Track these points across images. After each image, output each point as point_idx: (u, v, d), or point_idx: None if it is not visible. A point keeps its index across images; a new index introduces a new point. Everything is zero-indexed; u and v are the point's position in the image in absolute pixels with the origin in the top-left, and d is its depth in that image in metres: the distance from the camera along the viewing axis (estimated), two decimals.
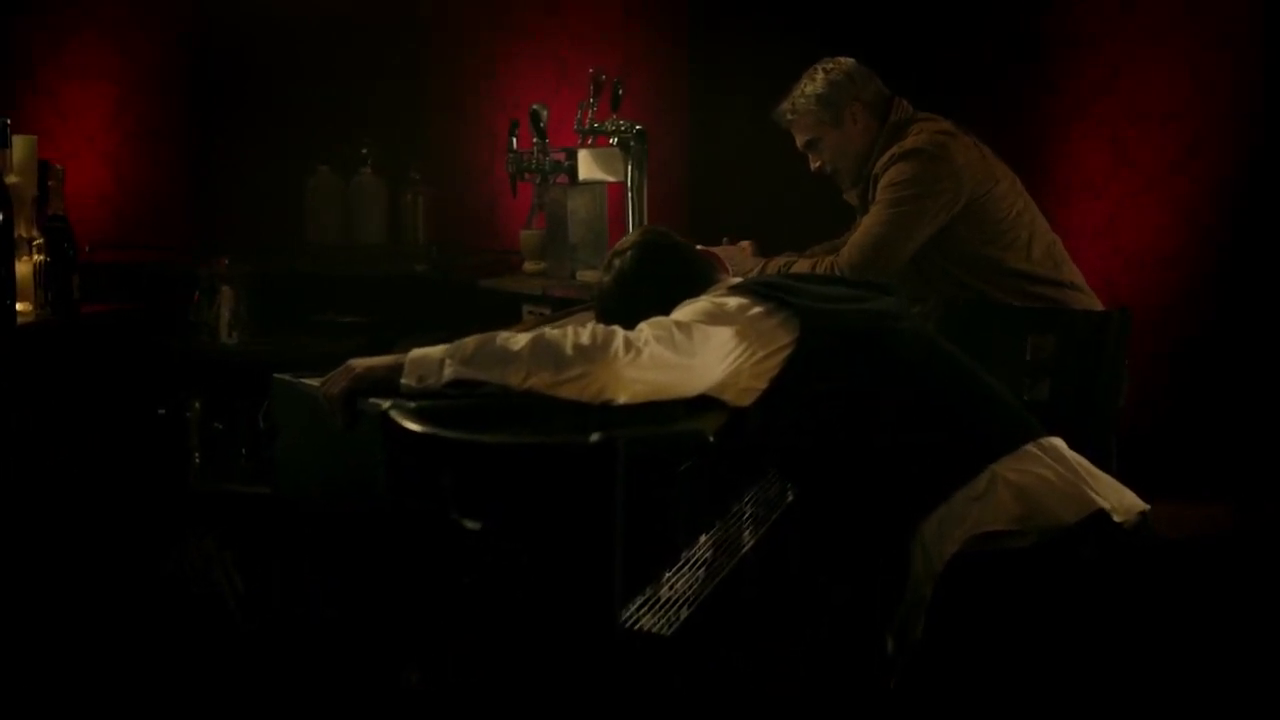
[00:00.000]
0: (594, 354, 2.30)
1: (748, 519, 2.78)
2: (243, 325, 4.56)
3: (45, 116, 5.69)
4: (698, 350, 2.39)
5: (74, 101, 5.74)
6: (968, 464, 2.43)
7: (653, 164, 4.43)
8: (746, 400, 2.50)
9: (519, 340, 2.35)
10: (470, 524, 2.03)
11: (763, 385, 2.48)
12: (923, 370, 2.54)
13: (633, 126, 4.16)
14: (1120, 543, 2.40)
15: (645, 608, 2.27)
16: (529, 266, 4.58)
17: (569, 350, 2.31)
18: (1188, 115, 4.59)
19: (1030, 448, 2.47)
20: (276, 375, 2.68)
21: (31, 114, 5.55)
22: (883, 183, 3.66)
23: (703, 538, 2.54)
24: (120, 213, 5.75)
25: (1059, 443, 2.53)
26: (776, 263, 3.76)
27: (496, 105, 5.26)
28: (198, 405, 4.52)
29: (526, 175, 4.34)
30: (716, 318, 2.46)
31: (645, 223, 4.21)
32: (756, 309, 2.49)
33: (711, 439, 2.33)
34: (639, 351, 2.33)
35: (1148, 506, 2.49)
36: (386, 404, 2.32)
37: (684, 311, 2.49)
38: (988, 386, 2.60)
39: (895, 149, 3.67)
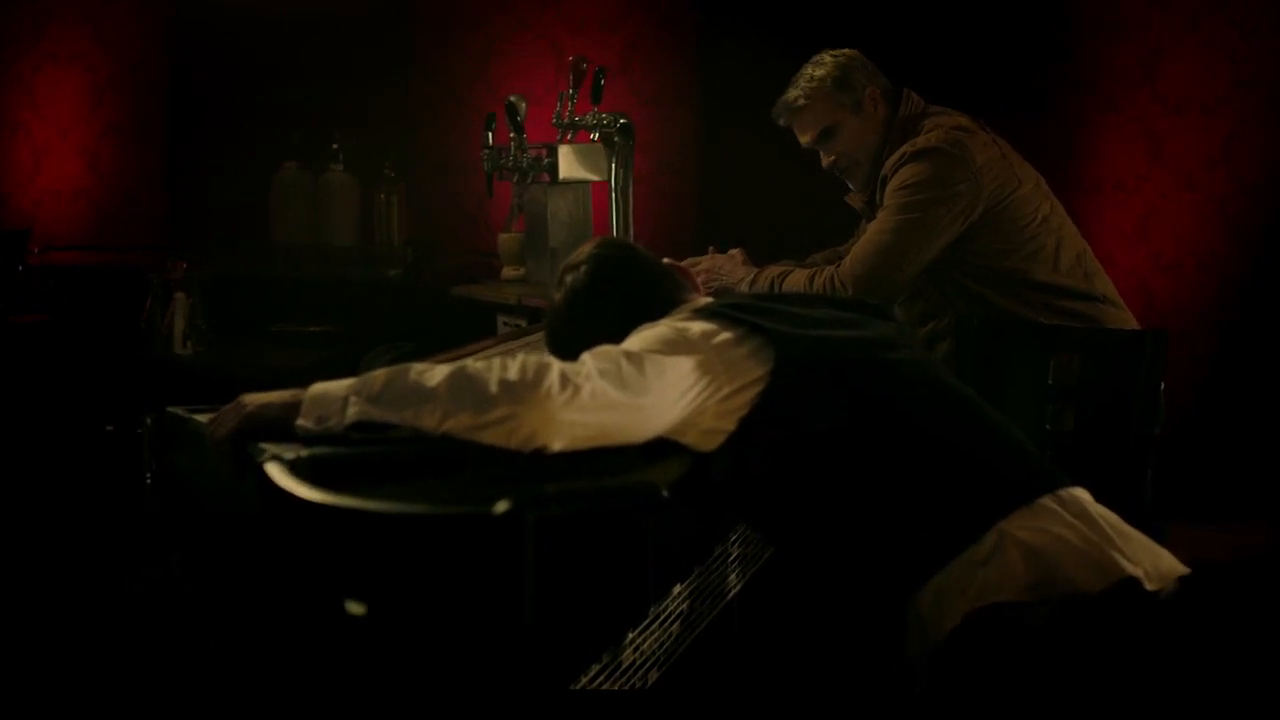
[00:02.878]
0: (522, 392, 1.95)
1: (734, 560, 2.47)
2: (199, 335, 4.28)
3: (19, 108, 5.66)
4: (651, 386, 2.04)
5: (49, 92, 5.67)
6: (972, 521, 2.09)
7: (659, 159, 4.32)
8: (710, 444, 2.15)
9: (436, 374, 2.00)
10: (355, 607, 1.66)
11: (730, 427, 2.14)
12: (921, 410, 2.19)
13: (616, 120, 3.81)
14: (1153, 616, 2.06)
15: (605, 674, 1.96)
16: (508, 272, 4.30)
17: (493, 387, 1.96)
18: (1226, 108, 4.40)
19: (1047, 501, 2.12)
20: (169, 409, 2.34)
21: (4, 103, 5.55)
22: (892, 185, 3.30)
23: (677, 588, 2.22)
24: (98, 209, 5.67)
25: (1082, 495, 2.18)
26: (770, 273, 3.39)
27: (485, 97, 5.07)
28: (150, 421, 4.20)
29: (504, 173, 4.01)
30: (675, 346, 2.11)
31: (631, 226, 3.86)
32: (724, 336, 2.15)
33: (665, 494, 1.96)
34: (577, 389, 1.97)
35: (1188, 571, 2.13)
36: (268, 453, 1.96)
37: (638, 339, 2.14)
38: (998, 427, 2.24)
39: (907, 147, 3.32)
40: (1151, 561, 2.10)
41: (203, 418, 2.22)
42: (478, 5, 5.25)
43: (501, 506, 1.61)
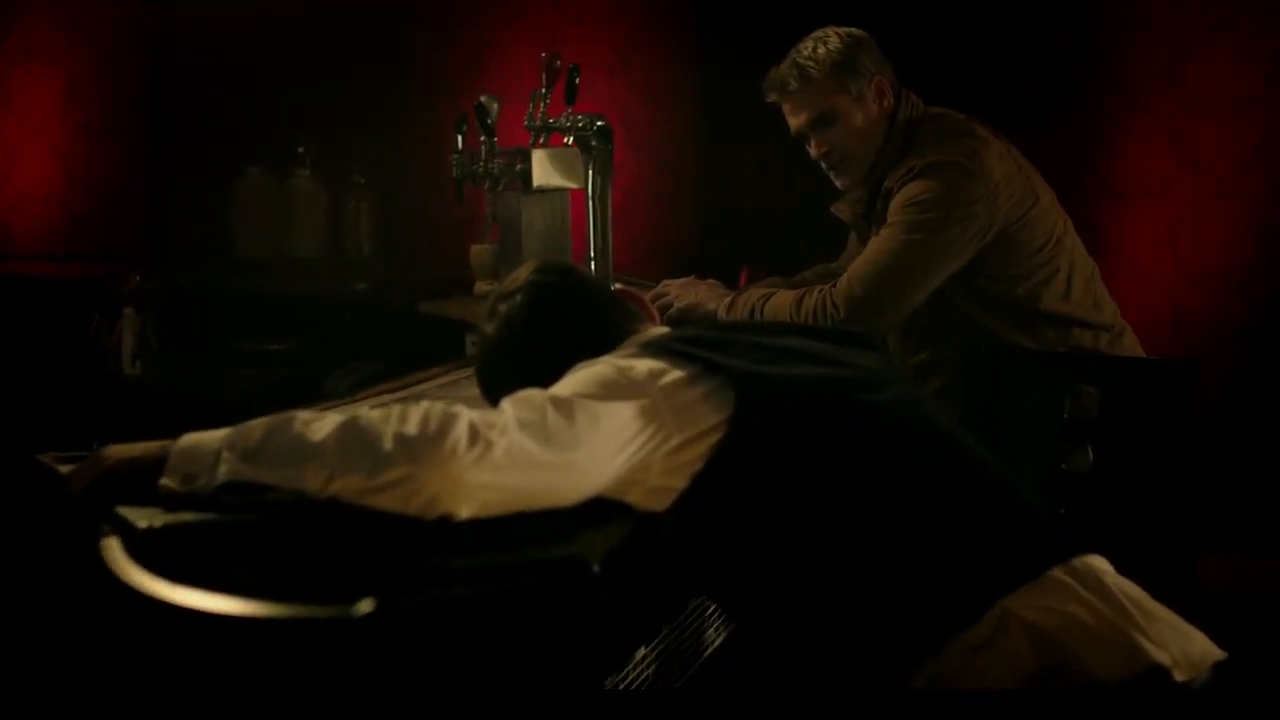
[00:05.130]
0: (422, 449, 1.65)
1: (712, 613, 2.20)
2: (149, 353, 4.05)
3: None
4: (582, 438, 1.74)
5: (21, 88, 5.51)
6: (969, 599, 1.78)
7: (659, 159, 4.16)
8: (659, 504, 1.84)
9: (323, 427, 1.70)
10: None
11: (681, 484, 1.83)
12: (909, 462, 1.88)
13: (593, 122, 3.48)
14: (1183, 711, 1.76)
15: None
16: (481, 287, 4.02)
17: (387, 443, 1.66)
18: (1260, 108, 4.23)
19: (1058, 574, 1.82)
20: (41, 456, 2.03)
21: None
22: (898, 200, 2.96)
23: (641, 651, 1.96)
24: (71, 214, 5.47)
25: (1100, 565, 1.88)
26: (750, 297, 3.06)
27: (469, 98, 4.72)
28: (96, 446, 3.95)
29: (475, 180, 3.70)
30: (615, 389, 1.80)
31: (609, 238, 3.54)
32: (673, 375, 1.84)
33: (596, 569, 1.64)
34: (489, 445, 1.67)
35: (1223, 656, 1.83)
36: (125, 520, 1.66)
37: (571, 381, 1.83)
38: (1001, 482, 1.93)
39: (915, 160, 2.98)
40: (1180, 645, 1.80)
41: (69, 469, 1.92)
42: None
43: (365, 607, 1.29)
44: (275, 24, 4.86)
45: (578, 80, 3.54)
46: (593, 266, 3.49)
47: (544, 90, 3.55)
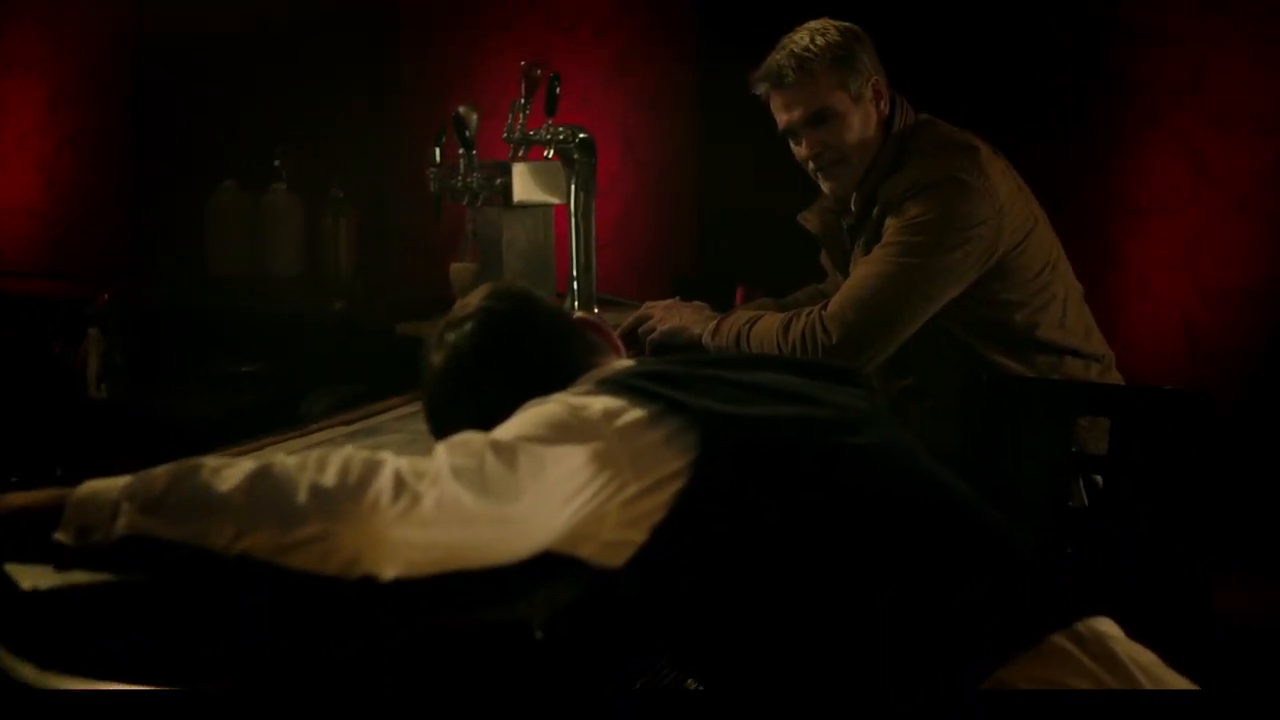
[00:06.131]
0: (340, 503, 1.46)
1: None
2: (116, 376, 3.85)
3: None
4: (524, 488, 1.55)
5: (3, 99, 5.48)
6: (958, 669, 1.58)
7: (657, 169, 4.10)
8: (614, 559, 1.65)
9: (232, 475, 1.50)
10: None
11: (639, 537, 1.64)
12: (892, 513, 1.68)
13: (574, 134, 3.29)
14: None
15: None
16: None
17: (301, 496, 1.47)
18: None
19: (1060, 640, 1.62)
20: None
21: None
22: (897, 221, 2.74)
23: None
24: (53, 229, 5.43)
25: (1107, 629, 1.67)
26: (736, 320, 2.85)
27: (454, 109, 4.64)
28: (60, 474, 3.78)
29: (454, 194, 3.55)
30: (564, 431, 1.61)
31: (592, 257, 3.34)
32: (632, 415, 1.65)
33: (539, 634, 1.46)
34: (416, 498, 1.48)
35: None
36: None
37: (517, 421, 1.64)
38: (996, 535, 1.73)
39: (915, 173, 2.76)
40: None
41: None
42: (455, 5, 5.00)
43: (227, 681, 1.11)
44: (253, 31, 4.77)
45: (558, 90, 3.36)
46: (575, 286, 3.32)
47: (523, 101, 3.38)
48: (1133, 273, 3.70)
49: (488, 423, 1.66)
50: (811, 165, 2.91)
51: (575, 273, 3.33)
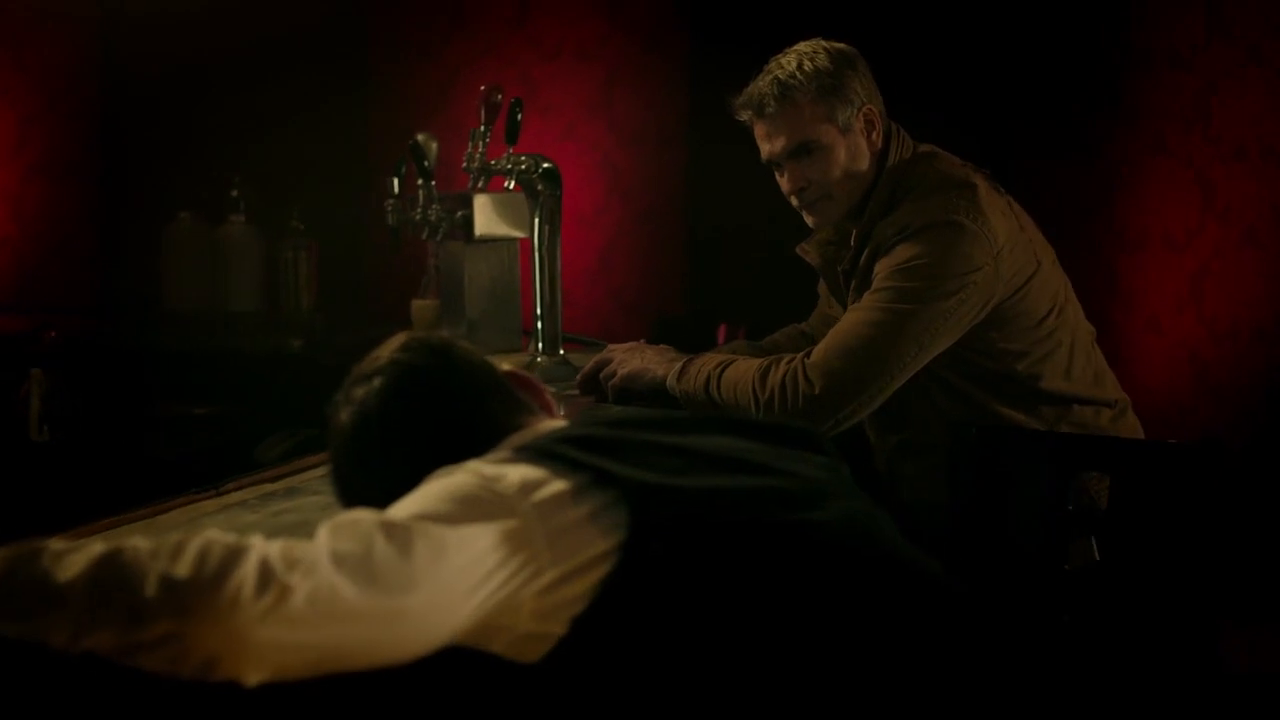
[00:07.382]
0: (191, 597, 1.26)
1: None
2: (59, 419, 3.64)
3: None
4: (420, 578, 1.34)
5: None
6: None
7: (643, 206, 4.12)
8: (529, 655, 1.45)
9: (75, 563, 1.29)
10: None
11: (558, 630, 1.44)
12: (851, 602, 1.46)
13: (537, 164, 3.08)
14: None
15: None
16: None
17: (149, 588, 1.27)
18: None
19: None
20: None
21: None
22: (887, 263, 2.54)
23: None
24: (22, 261, 5.27)
25: None
26: (705, 364, 2.61)
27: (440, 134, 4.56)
28: None
29: (412, 228, 3.42)
30: (473, 507, 1.41)
31: (558, 294, 3.13)
32: (553, 488, 1.45)
33: None
34: (285, 592, 1.27)
35: None
36: None
37: (419, 496, 1.44)
38: (971, 632, 1.52)
39: (909, 215, 2.56)
40: None
41: None
42: (436, 28, 4.96)
43: None
44: (212, 60, 4.74)
45: (519, 116, 3.16)
46: (539, 326, 3.11)
47: (483, 128, 3.18)
48: (1138, 309, 3.78)
49: (400, 490, 1.46)
50: (795, 199, 2.72)
51: (540, 311, 3.12)
